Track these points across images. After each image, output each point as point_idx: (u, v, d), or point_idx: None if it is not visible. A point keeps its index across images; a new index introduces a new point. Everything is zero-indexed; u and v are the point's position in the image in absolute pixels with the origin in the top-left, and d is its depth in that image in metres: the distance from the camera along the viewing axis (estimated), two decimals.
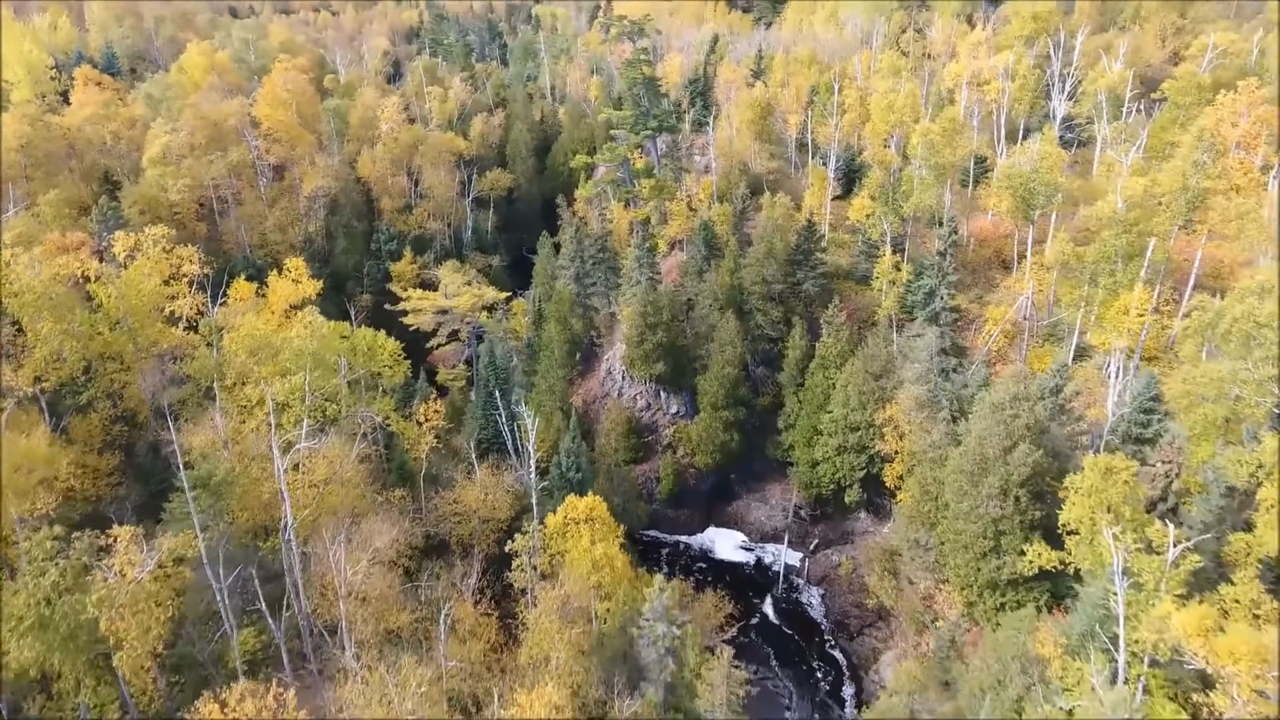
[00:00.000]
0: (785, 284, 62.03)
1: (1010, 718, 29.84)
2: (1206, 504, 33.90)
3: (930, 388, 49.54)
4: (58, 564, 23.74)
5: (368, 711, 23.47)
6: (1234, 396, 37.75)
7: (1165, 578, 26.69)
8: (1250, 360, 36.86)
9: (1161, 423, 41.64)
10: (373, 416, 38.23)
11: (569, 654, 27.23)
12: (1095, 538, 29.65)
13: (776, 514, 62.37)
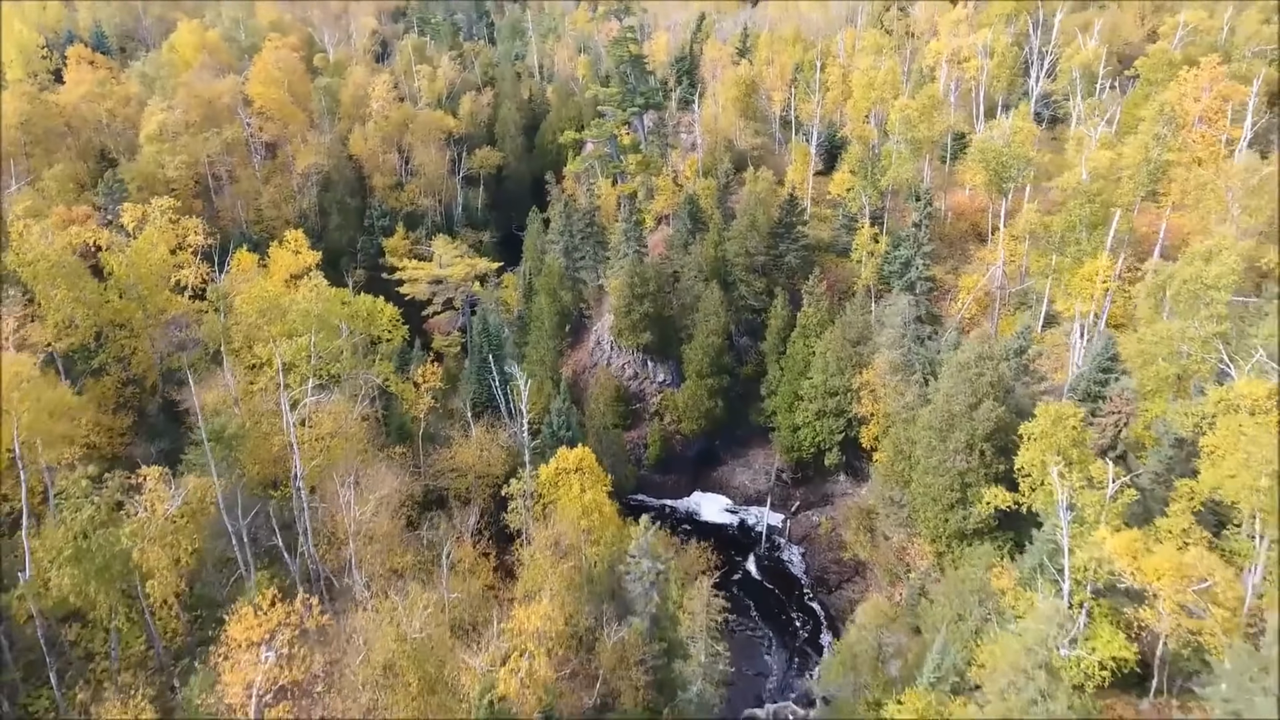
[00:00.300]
0: (768, 256, 64.48)
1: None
2: (1158, 454, 36.73)
3: (904, 352, 52.23)
4: (92, 500, 26.07)
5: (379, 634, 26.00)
6: (1183, 354, 40.52)
7: (1105, 510, 29.45)
8: (1197, 319, 39.61)
9: (1119, 381, 44.42)
10: (372, 379, 40.51)
11: (561, 585, 29.78)
12: (1046, 479, 32.39)
13: (760, 478, 65.16)
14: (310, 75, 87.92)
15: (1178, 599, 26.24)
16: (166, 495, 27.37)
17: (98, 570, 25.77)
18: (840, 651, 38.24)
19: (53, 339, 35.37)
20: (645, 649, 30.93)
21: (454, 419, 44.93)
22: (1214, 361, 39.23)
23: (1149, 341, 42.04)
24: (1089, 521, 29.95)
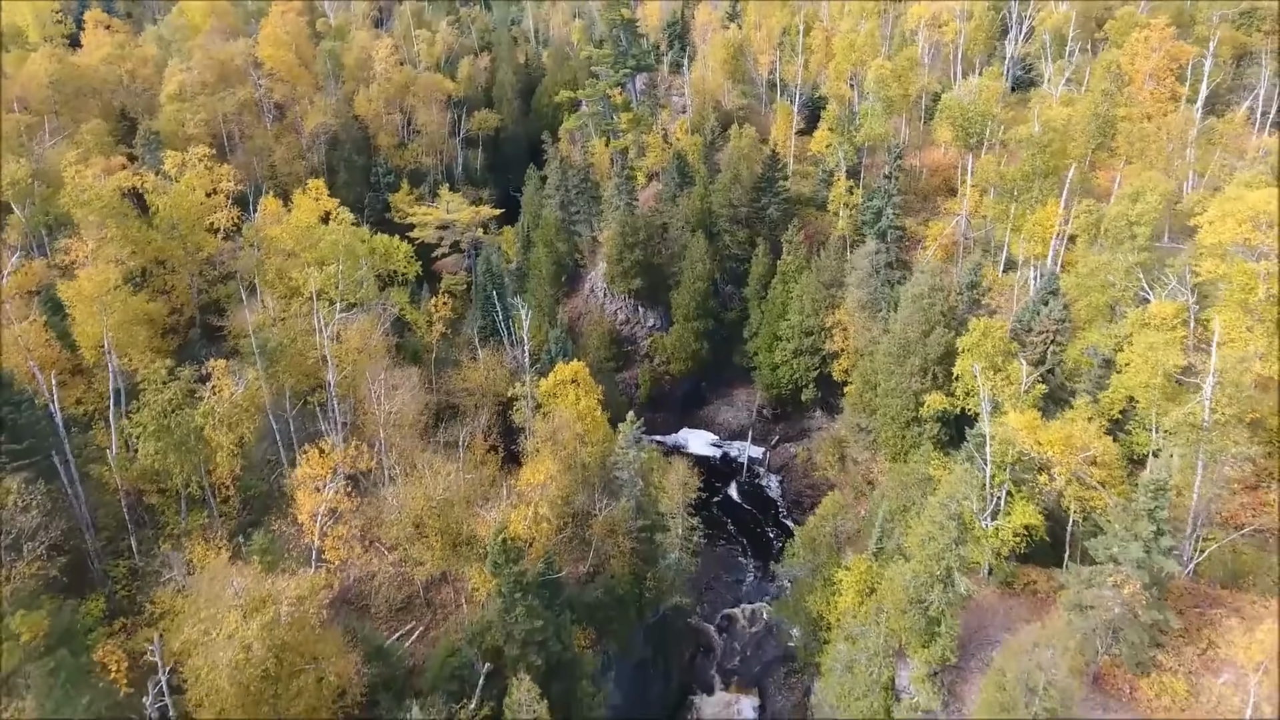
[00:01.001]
0: (750, 208, 69.91)
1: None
2: (1090, 374, 42.71)
3: (871, 291, 58.00)
4: (170, 386, 31.80)
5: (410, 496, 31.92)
6: (1111, 283, 46.23)
7: (1019, 400, 35.41)
8: (1121, 252, 45.29)
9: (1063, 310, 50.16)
10: (390, 306, 46.16)
11: (560, 468, 35.66)
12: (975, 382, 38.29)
13: (742, 414, 71.27)
14: (313, 40, 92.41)
15: (1068, 466, 32.26)
16: (231, 384, 33.17)
17: (175, 444, 31.57)
18: (801, 537, 44.44)
19: (127, 255, 40.82)
20: (631, 523, 37.00)
21: (462, 347, 50.62)
22: (1135, 289, 44.97)
23: (1083, 274, 47.76)
24: (1005, 409, 35.89)
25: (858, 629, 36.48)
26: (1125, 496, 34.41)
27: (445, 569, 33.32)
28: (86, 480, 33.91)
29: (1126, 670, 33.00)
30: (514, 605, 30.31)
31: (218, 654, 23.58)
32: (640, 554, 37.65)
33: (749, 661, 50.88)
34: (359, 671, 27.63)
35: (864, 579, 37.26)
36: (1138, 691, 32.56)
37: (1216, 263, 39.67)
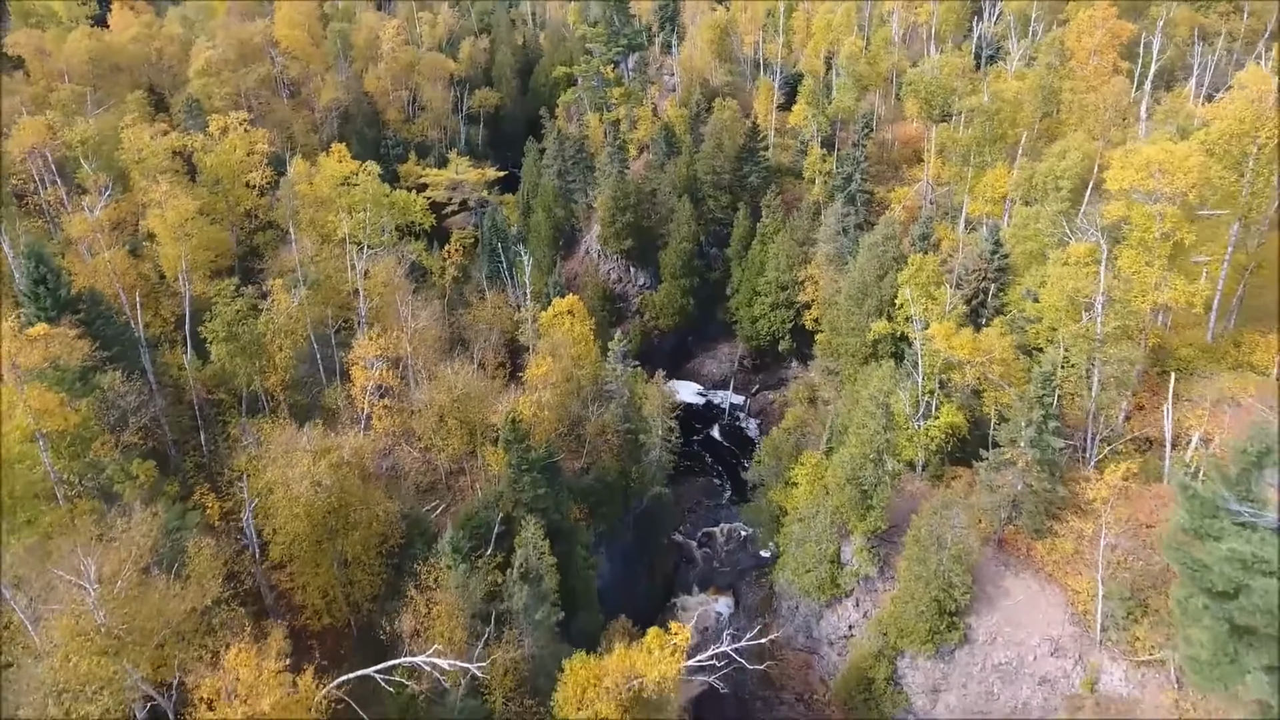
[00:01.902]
0: (733, 175, 77.52)
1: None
2: (1023, 314, 50.38)
3: (837, 246, 65.65)
4: (238, 300, 39.31)
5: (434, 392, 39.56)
6: (1039, 231, 53.85)
7: (943, 319, 43.13)
8: (1048, 203, 52.94)
9: (1004, 260, 57.80)
10: (407, 254, 53.71)
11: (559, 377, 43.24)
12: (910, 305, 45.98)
13: (725, 366, 79.05)
14: (321, 21, 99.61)
15: (976, 365, 40.04)
16: (287, 299, 40.71)
17: (241, 348, 39.10)
18: (766, 446, 52.24)
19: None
20: (619, 425, 44.70)
21: (472, 291, 58.20)
22: (1060, 235, 52.58)
23: (1017, 224, 55.42)
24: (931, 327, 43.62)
25: (808, 511, 44.29)
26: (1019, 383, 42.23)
27: (464, 454, 40.99)
28: (162, 387, 41.53)
29: (1026, 536, 40.81)
30: (521, 476, 38.00)
31: (295, 488, 31.23)
32: (626, 451, 45.39)
33: (725, 569, 58.74)
34: (397, 521, 35.36)
35: (815, 472, 45.10)
36: (1034, 551, 40.40)
37: (1119, 206, 47.26)
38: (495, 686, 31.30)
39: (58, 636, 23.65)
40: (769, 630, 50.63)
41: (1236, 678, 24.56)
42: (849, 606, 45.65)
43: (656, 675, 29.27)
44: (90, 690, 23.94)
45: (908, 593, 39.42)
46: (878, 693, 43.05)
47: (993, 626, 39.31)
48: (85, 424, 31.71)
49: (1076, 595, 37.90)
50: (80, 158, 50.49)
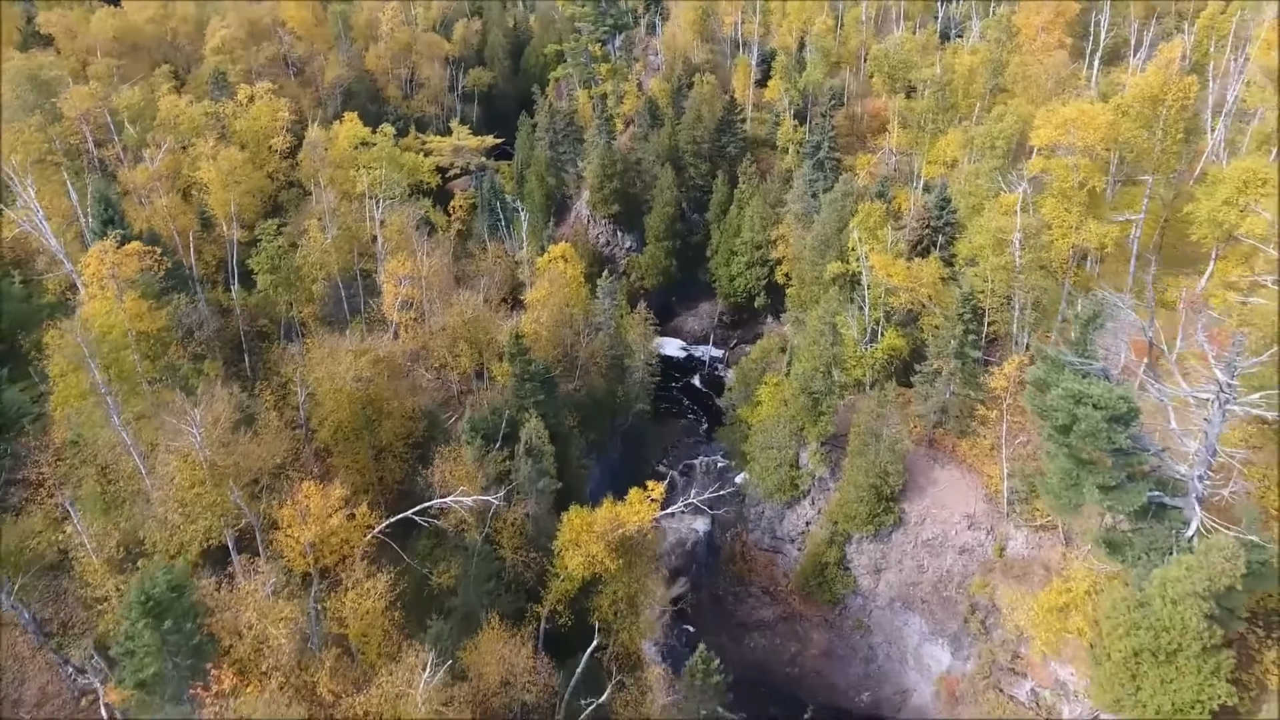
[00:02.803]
0: (712, 145, 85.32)
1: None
2: (971, 257, 58.38)
3: (805, 205, 73.56)
4: (280, 236, 46.82)
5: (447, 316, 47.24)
6: (978, 186, 61.87)
7: (884, 253, 51.12)
8: (985, 160, 60.96)
9: (952, 215, 65.83)
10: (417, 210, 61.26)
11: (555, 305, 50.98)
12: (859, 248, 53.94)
13: (706, 323, 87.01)
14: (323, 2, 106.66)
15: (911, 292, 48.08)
16: (321, 237, 48.31)
17: (283, 279, 46.65)
18: (736, 374, 60.22)
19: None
20: (607, 350, 52.54)
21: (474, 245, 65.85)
22: (995, 189, 60.61)
23: (960, 183, 63.47)
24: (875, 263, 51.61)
25: (771, 423, 52.29)
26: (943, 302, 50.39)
27: (472, 374, 48.75)
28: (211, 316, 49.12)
29: (952, 436, 48.91)
30: (523, 384, 45.73)
31: (338, 380, 38.89)
32: (613, 374, 53.23)
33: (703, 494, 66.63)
34: (420, 416, 43.09)
35: (776, 390, 53.11)
36: (958, 448, 48.54)
37: (1041, 160, 55.30)
38: (504, 541, 39.10)
39: (173, 469, 31.33)
40: (740, 537, 58.95)
41: (1079, 497, 32.70)
42: (806, 506, 53.78)
43: (636, 520, 37.23)
44: (195, 511, 31.67)
45: (851, 482, 47.49)
46: (830, 577, 51.20)
47: (922, 509, 47.46)
48: (165, 330, 39.28)
49: (990, 480, 46.03)
50: (125, 122, 57.76)
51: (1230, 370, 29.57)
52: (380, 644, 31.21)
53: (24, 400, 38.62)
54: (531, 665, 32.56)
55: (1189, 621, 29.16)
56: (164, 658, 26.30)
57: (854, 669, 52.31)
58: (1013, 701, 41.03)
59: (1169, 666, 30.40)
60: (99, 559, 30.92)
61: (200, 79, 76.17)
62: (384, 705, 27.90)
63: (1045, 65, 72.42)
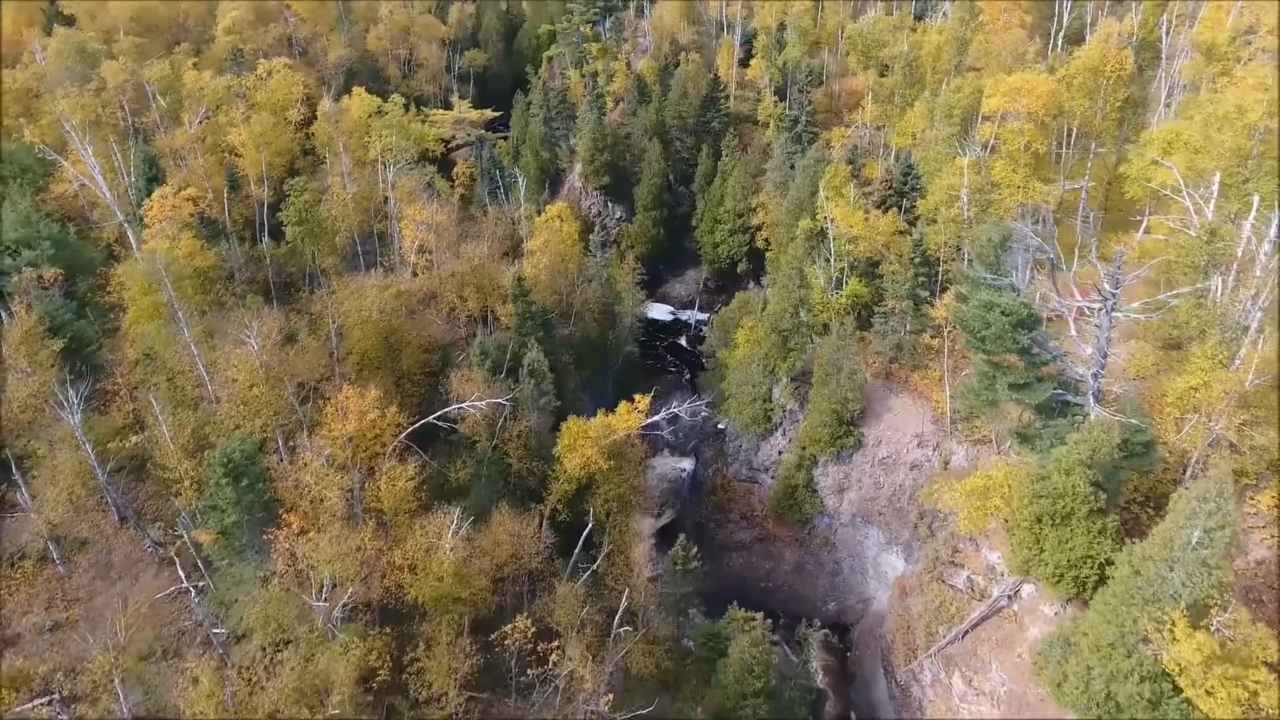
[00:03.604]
0: (697, 120, 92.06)
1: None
2: (930, 217, 65.34)
3: (782, 174, 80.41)
4: (307, 191, 53.39)
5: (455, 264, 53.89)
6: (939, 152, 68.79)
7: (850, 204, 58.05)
8: (943, 130, 67.88)
9: (916, 181, 72.74)
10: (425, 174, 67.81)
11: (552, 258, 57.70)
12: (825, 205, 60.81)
13: (692, 289, 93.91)
14: None
15: (868, 238, 55.02)
16: (344, 192, 54.85)
17: (309, 230, 53.22)
18: (716, 321, 67.09)
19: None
20: (599, 297, 59.33)
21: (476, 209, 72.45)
22: (953, 153, 67.55)
23: (923, 147, 70.39)
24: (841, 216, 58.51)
25: (745, 361, 59.22)
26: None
27: (478, 317, 55.48)
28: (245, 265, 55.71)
29: (906, 369, 55.92)
30: (525, 322, 52.49)
31: (366, 310, 45.55)
32: (605, 319, 60.07)
33: (688, 439, 73.69)
34: (435, 347, 49.75)
35: (750, 333, 60.02)
36: (911, 379, 55.55)
37: (991, 126, 62.26)
38: (511, 451, 45.89)
39: (236, 371, 38.01)
40: (721, 471, 65.98)
41: (994, 395, 39.72)
42: (778, 437, 60.79)
43: (625, 427, 44.13)
44: (254, 409, 38.38)
45: (817, 409, 54.47)
46: (799, 499, 58.23)
47: (879, 433, 54.52)
48: (213, 268, 45.89)
49: (937, 404, 53.06)
50: (156, 94, 64.09)
51: (1114, 281, 36.59)
52: (410, 518, 37.93)
53: (92, 329, 45.39)
54: (537, 537, 39.32)
55: (1078, 488, 36.19)
56: (240, 510, 33.11)
57: (821, 582, 59.45)
58: (952, 589, 48.10)
59: (1064, 529, 37.45)
60: (175, 445, 37.44)
61: (214, 57, 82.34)
62: (418, 555, 34.67)
63: (1004, 42, 79.46)
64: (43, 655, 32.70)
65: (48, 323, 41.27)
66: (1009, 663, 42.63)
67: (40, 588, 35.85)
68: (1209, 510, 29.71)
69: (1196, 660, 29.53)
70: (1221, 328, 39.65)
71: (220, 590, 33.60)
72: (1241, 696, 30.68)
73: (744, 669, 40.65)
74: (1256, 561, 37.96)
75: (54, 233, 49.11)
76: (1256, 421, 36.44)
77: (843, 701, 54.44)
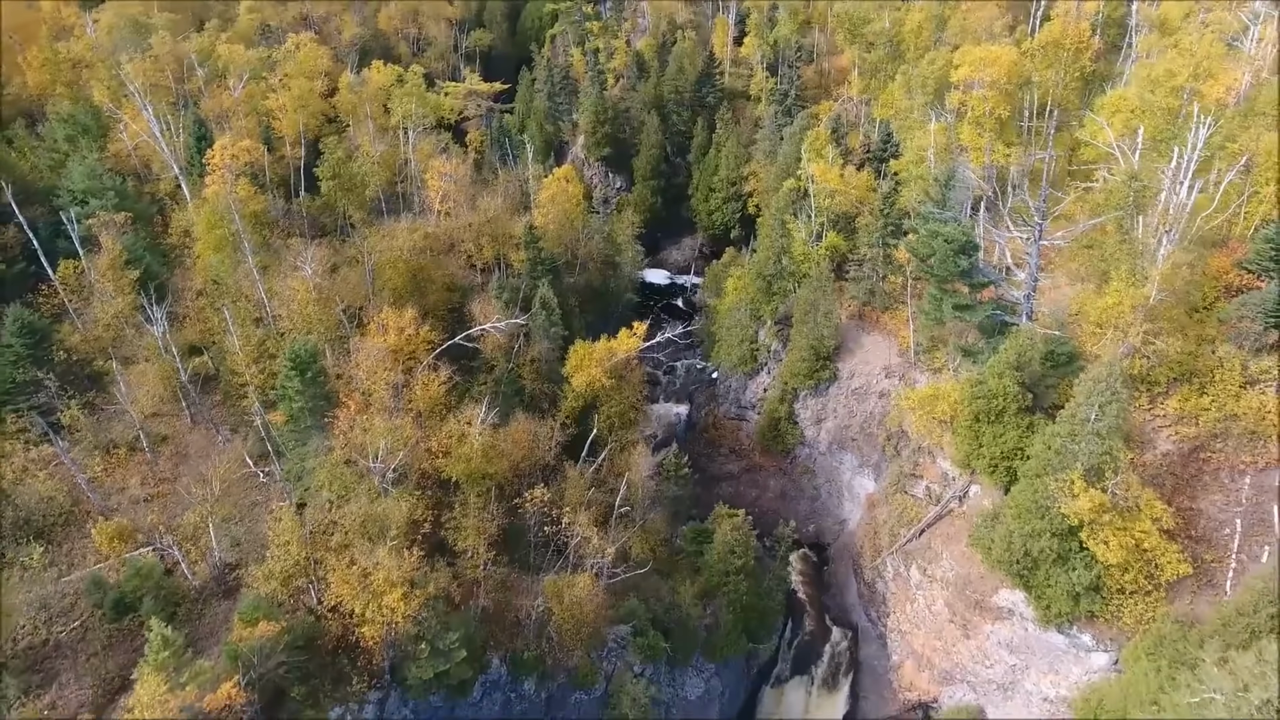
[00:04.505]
0: (693, 94, 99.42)
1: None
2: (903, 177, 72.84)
3: (771, 143, 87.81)
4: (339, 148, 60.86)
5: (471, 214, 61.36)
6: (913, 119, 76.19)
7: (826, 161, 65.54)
8: (917, 98, 75.27)
9: (895, 148, 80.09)
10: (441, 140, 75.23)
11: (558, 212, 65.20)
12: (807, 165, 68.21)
13: (688, 254, 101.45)
14: None
15: (845, 194, 62.51)
16: (373, 151, 62.41)
17: (342, 184, 60.67)
18: (708, 274, 74.60)
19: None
20: (601, 249, 66.83)
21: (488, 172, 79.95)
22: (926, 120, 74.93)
23: (900, 116, 77.78)
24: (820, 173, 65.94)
25: (734, 306, 66.75)
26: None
27: (492, 263, 63.00)
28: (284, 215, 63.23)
29: (878, 310, 63.39)
30: (536, 267, 59.98)
31: (397, 250, 53.01)
32: (607, 269, 67.57)
33: (684, 388, 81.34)
34: (457, 284, 57.26)
35: (738, 281, 67.51)
36: (882, 319, 63.05)
37: (959, 95, 69.62)
38: (525, 373, 53.44)
39: (294, 291, 45.53)
40: (713, 412, 73.61)
41: (941, 314, 47.24)
42: (763, 376, 68.41)
43: (625, 350, 51.69)
44: (309, 325, 45.91)
45: (796, 346, 61.99)
46: (783, 430, 65.81)
47: (852, 366, 62.10)
48: (264, 211, 53.37)
49: (903, 339, 60.57)
50: (197, 63, 71.52)
51: (1041, 213, 44.11)
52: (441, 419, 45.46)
53: (160, 263, 53.00)
54: (551, 435, 46.92)
55: (1009, 388, 43.77)
56: (306, 398, 40.66)
57: (802, 506, 67.08)
58: (912, 498, 55.72)
59: (998, 425, 45.02)
60: (243, 354, 44.90)
61: (240, 32, 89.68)
62: (452, 442, 42.25)
63: (979, 19, 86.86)
64: (142, 518, 40.34)
65: (125, 256, 48.79)
66: (956, 551, 50.25)
67: (133, 470, 43.41)
68: (1101, 390, 37.32)
69: (1088, 508, 37.11)
70: (1135, 256, 47.12)
71: (290, 464, 41.13)
72: (1129, 543, 38.34)
73: (727, 550, 48.31)
74: (1162, 454, 45.49)
75: (117, 184, 56.53)
76: (1159, 331, 43.93)
77: (818, 606, 62.19)
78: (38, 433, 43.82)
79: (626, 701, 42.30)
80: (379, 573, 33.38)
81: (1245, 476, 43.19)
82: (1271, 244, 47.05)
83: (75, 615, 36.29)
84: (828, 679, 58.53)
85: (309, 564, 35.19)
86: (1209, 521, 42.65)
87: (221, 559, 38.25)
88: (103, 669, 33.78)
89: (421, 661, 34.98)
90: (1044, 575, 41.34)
